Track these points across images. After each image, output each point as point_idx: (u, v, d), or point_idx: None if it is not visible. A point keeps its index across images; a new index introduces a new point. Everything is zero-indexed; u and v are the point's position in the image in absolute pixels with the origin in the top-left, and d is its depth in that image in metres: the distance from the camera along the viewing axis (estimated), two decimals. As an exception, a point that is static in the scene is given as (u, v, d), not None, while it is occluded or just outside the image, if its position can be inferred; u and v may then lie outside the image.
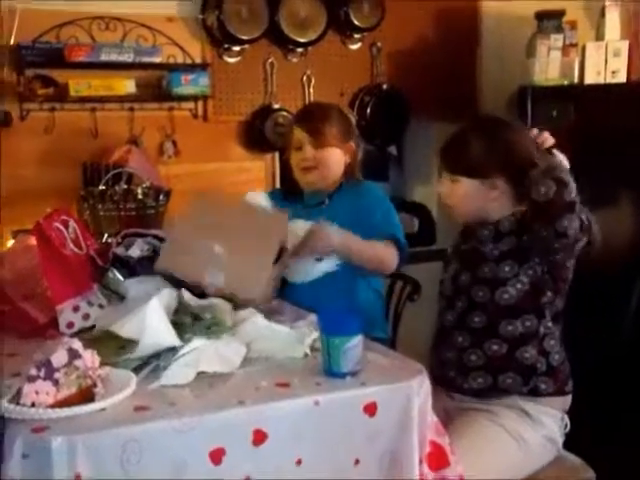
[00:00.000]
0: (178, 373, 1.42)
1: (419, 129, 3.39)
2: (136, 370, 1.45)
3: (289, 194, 2.32)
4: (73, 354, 1.29)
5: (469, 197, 1.81)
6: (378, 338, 2.20)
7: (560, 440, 1.79)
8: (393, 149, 3.50)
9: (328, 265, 2.14)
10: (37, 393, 1.24)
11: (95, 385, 1.31)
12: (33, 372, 1.25)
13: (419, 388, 1.44)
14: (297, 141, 2.21)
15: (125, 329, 1.50)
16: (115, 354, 1.50)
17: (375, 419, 1.39)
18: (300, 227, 2.04)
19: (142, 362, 1.49)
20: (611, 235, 2.56)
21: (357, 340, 1.45)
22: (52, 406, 1.24)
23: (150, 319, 1.47)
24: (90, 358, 1.32)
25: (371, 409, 1.39)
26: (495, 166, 1.76)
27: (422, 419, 1.44)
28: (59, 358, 1.26)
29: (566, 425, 1.81)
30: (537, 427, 1.74)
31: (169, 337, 1.48)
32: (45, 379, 1.25)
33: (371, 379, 1.43)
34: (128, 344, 1.51)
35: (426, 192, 3.52)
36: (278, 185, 2.99)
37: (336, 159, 2.22)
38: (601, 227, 1.79)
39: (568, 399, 1.80)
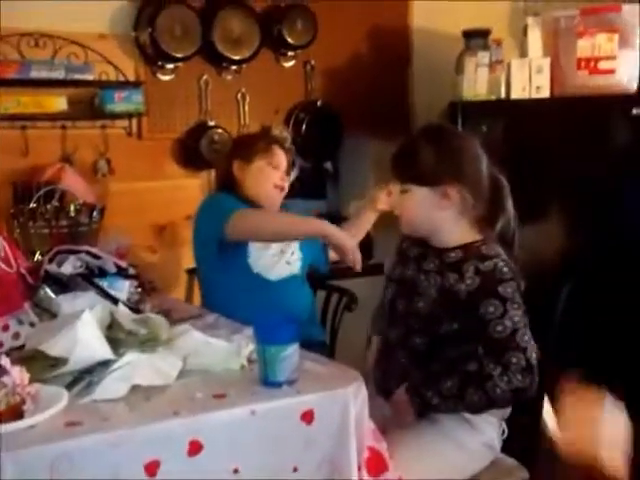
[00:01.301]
0: (111, 387, 1.40)
1: (354, 145, 3.44)
2: (69, 386, 1.43)
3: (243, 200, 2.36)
4: (0, 371, 1.25)
5: (419, 206, 1.76)
6: (320, 341, 2.29)
7: (498, 445, 1.82)
8: (329, 165, 3.53)
9: (293, 267, 2.38)
10: (-37, 411, 1.20)
11: (24, 402, 1.28)
12: (-41, 390, 1.22)
13: (356, 395, 1.45)
14: (277, 160, 2.39)
15: (55, 348, 1.46)
16: (46, 371, 1.47)
17: (312, 427, 1.40)
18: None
19: (75, 378, 1.46)
20: (539, 247, 2.66)
21: (293, 349, 1.46)
22: (-21, 424, 1.21)
23: (82, 332, 1.44)
24: (19, 375, 1.29)
25: (308, 417, 1.40)
26: (445, 172, 1.72)
27: (359, 426, 1.45)
28: (-14, 375, 1.23)
29: (503, 431, 1.84)
30: (476, 434, 1.77)
31: (102, 350, 1.46)
32: (-29, 397, 1.21)
33: (307, 387, 1.44)
34: (59, 362, 1.48)
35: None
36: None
37: None
38: (529, 239, 1.84)
39: (507, 409, 1.82)
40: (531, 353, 1.63)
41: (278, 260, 2.34)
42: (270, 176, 2.38)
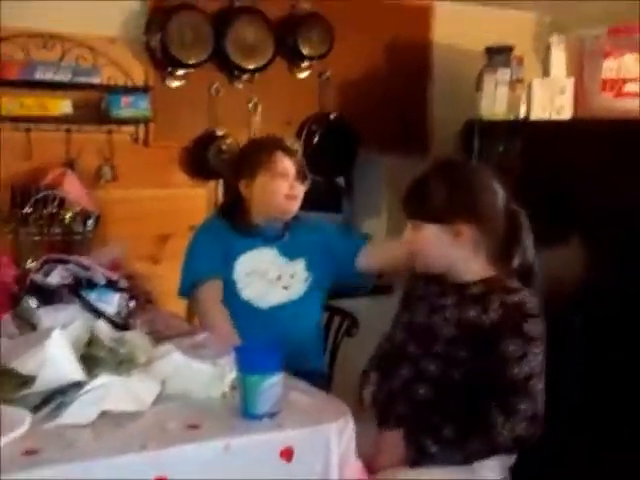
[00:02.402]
0: (80, 411, 1.32)
1: (368, 160, 3.35)
2: (36, 408, 1.34)
3: (237, 225, 2.26)
4: (-43, 391, 1.17)
5: (432, 243, 1.69)
6: (319, 372, 2.17)
7: None
8: (341, 180, 3.44)
9: (292, 293, 2.24)
10: None
11: (-20, 426, 1.19)
12: None
13: (341, 431, 1.35)
14: (282, 168, 2.24)
15: (26, 366, 1.38)
16: (15, 390, 1.39)
17: (292, 465, 1.30)
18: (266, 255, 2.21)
19: (44, 399, 1.38)
20: (556, 272, 2.54)
21: (276, 379, 1.36)
22: None
23: (51, 353, 1.36)
24: (-23, 396, 1.20)
25: (287, 454, 1.30)
26: (458, 211, 1.66)
27: (344, 463, 1.35)
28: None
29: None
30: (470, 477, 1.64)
31: (72, 371, 1.38)
32: None
33: (290, 421, 1.35)
34: (29, 380, 1.39)
35: (376, 223, 3.48)
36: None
37: None
38: (546, 264, 1.74)
39: (512, 458, 1.71)
40: (541, 403, 1.56)
41: (272, 287, 2.22)
42: (278, 188, 2.23)
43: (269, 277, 2.22)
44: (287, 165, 2.26)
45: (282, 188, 2.24)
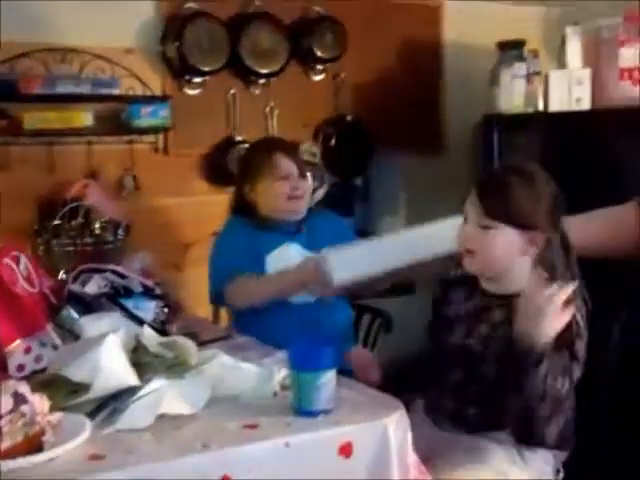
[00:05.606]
0: (136, 416, 1.32)
1: (385, 160, 3.35)
2: (92, 414, 1.34)
3: (256, 223, 2.27)
4: (19, 399, 1.17)
5: (502, 247, 1.61)
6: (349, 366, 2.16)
7: None
8: (359, 181, 3.44)
9: None
10: (-22, 444, 1.12)
11: (44, 433, 1.19)
12: (-26, 420, 1.14)
13: (397, 426, 1.35)
14: (282, 170, 2.22)
15: (78, 373, 1.38)
16: (68, 398, 1.39)
17: (351, 460, 1.30)
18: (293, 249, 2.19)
19: (98, 405, 1.38)
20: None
21: (330, 375, 1.36)
22: (-5, 458, 1.13)
23: (105, 359, 1.36)
24: (39, 403, 1.20)
25: (346, 450, 1.30)
26: (540, 219, 1.60)
27: (402, 458, 1.35)
28: (3, 404, 1.15)
29: (558, 471, 1.69)
30: (525, 468, 1.62)
31: (126, 377, 1.38)
32: (-13, 428, 1.13)
33: (345, 417, 1.34)
34: (81, 388, 1.39)
35: (393, 223, 3.48)
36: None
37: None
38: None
39: (565, 453, 1.68)
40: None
41: None
42: (279, 190, 2.21)
43: None
44: (287, 166, 2.24)
45: (284, 189, 2.22)
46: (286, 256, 2.22)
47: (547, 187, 1.65)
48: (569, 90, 2.80)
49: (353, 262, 2.02)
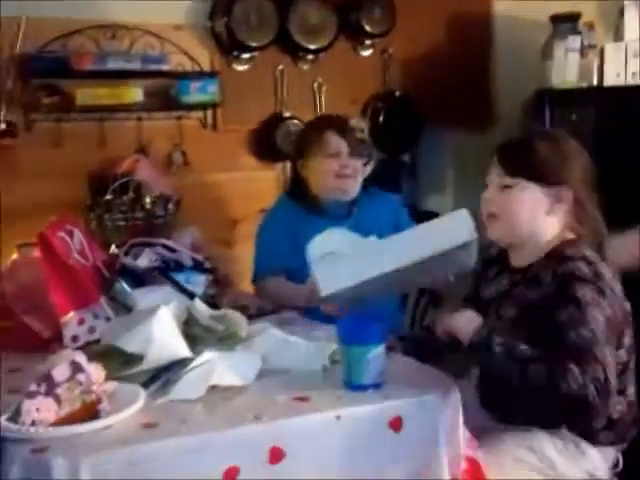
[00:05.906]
0: (188, 387, 1.34)
1: (433, 136, 3.31)
2: (145, 384, 1.37)
3: (306, 205, 2.27)
4: (76, 368, 1.20)
5: (526, 206, 1.54)
6: None
7: (605, 477, 1.57)
8: (407, 157, 3.41)
9: None
10: (37, 410, 1.15)
11: (100, 401, 1.22)
12: (33, 388, 1.17)
13: (447, 401, 1.35)
14: (332, 147, 2.22)
15: (131, 344, 1.41)
16: (122, 368, 1.41)
17: (401, 435, 1.30)
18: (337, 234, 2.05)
19: (151, 376, 1.40)
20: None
21: (380, 350, 1.36)
22: (53, 424, 1.16)
23: (157, 330, 1.38)
24: (94, 372, 1.23)
25: (396, 424, 1.30)
26: (566, 172, 1.53)
27: (452, 434, 1.35)
28: (61, 372, 1.18)
29: (617, 462, 1.60)
30: (579, 459, 1.54)
31: (179, 349, 1.40)
32: (46, 395, 1.17)
33: (395, 392, 1.34)
34: (134, 359, 1.42)
35: (441, 201, 3.44)
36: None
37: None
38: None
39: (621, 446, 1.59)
40: (612, 373, 1.36)
41: None
42: (328, 167, 2.22)
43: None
44: (338, 145, 2.23)
45: (332, 167, 2.22)
46: (329, 243, 2.18)
47: (574, 147, 1.59)
48: (625, 63, 2.72)
49: (340, 272, 1.63)
